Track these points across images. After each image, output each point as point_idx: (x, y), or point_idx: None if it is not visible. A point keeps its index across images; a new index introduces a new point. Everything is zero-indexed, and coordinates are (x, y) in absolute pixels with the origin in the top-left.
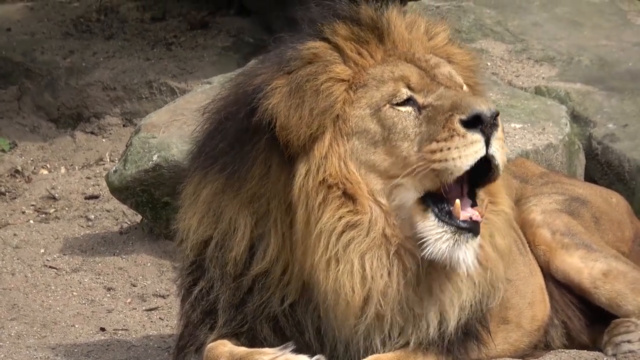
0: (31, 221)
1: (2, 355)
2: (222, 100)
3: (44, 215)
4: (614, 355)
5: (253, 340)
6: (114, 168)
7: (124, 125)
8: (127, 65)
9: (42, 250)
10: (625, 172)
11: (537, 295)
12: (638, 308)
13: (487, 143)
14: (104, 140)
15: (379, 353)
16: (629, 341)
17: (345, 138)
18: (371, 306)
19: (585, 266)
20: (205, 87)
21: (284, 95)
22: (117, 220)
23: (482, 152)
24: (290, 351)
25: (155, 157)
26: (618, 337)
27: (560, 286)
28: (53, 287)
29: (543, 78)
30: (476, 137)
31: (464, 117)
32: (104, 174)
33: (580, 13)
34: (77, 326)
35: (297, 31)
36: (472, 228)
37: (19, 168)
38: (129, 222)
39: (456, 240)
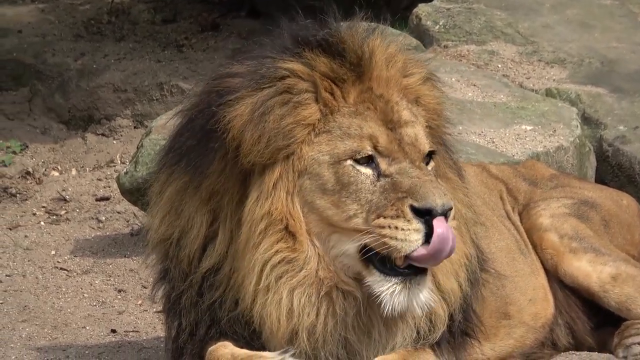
0: (42, 223)
1: (14, 357)
2: (195, 97)
3: (54, 217)
4: (625, 357)
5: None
6: (124, 170)
7: (134, 127)
8: (138, 67)
9: (53, 252)
10: (636, 174)
11: (539, 293)
12: None
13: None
14: (114, 142)
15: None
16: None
17: (296, 174)
18: (299, 342)
19: (593, 270)
20: None
21: (246, 113)
22: (127, 222)
23: (421, 243)
24: (290, 355)
25: None
26: (629, 339)
27: (565, 288)
28: (64, 289)
29: (554, 80)
30: (419, 226)
31: (416, 204)
32: (114, 176)
33: (590, 15)
34: (88, 328)
35: (278, 36)
36: (418, 269)
37: (30, 170)
38: (139, 224)
39: (409, 288)
